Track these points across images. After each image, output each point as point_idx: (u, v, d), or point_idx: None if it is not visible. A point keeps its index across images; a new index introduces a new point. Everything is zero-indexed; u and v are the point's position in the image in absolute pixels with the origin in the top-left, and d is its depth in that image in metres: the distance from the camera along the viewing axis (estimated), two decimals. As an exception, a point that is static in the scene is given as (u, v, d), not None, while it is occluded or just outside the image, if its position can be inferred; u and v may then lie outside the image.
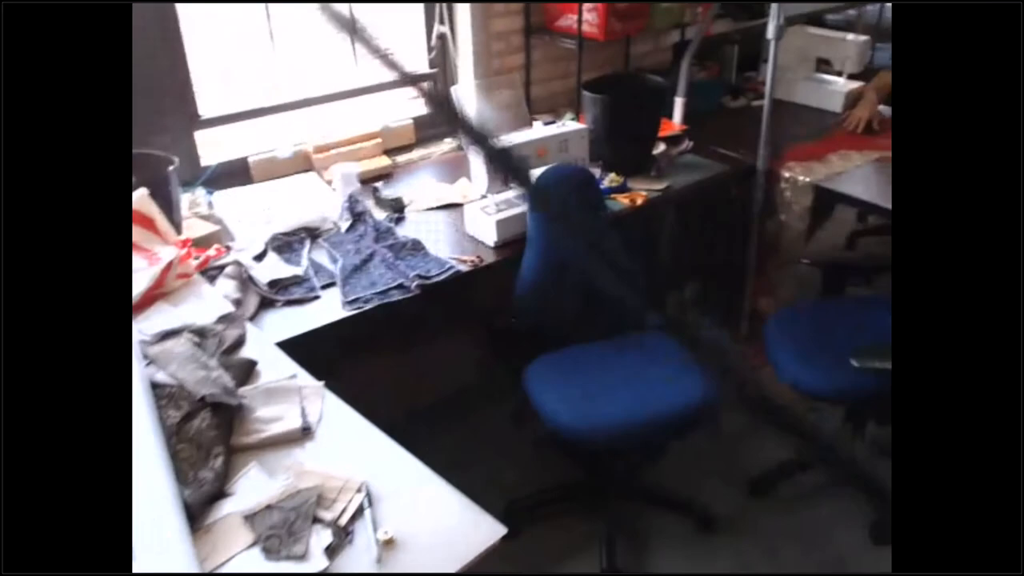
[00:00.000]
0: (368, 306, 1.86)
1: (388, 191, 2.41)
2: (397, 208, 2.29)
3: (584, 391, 1.94)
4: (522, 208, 2.14)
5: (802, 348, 2.07)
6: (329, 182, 2.40)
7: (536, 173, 2.11)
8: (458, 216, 2.25)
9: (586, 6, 2.62)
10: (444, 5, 2.68)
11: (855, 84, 3.04)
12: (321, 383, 1.48)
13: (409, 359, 2.38)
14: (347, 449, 1.33)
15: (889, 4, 3.92)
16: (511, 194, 2.20)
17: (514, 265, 2.09)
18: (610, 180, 2.46)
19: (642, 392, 1.93)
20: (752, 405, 2.57)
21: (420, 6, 2.70)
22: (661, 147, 2.65)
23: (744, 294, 2.84)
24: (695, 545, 2.16)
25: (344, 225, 2.17)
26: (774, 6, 2.40)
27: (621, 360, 2.06)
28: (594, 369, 2.03)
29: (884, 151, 2.67)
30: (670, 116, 2.82)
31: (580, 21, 2.63)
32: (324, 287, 1.92)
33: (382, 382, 2.09)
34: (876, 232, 3.32)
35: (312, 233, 2.13)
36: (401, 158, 2.67)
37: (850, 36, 3.00)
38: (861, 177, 2.54)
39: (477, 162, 2.35)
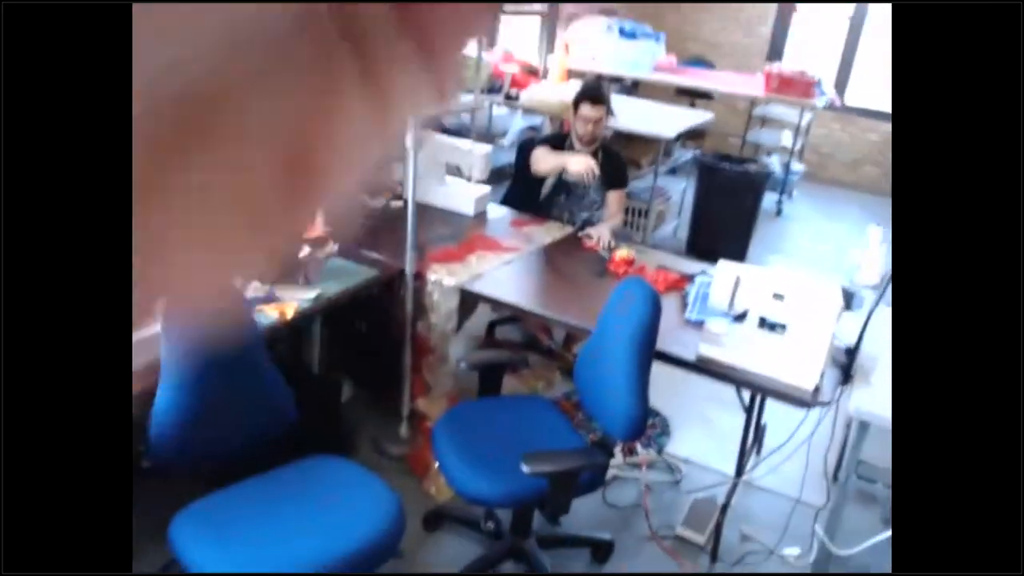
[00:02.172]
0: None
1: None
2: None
3: (245, 546, 1.66)
4: (152, 333, 1.81)
5: (470, 456, 2.06)
6: None
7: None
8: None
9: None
10: None
11: (482, 189, 3.27)
12: None
13: None
14: None
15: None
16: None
17: (146, 402, 1.75)
18: (253, 289, 2.24)
19: (320, 531, 1.72)
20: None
21: None
22: (305, 250, 2.51)
23: (402, 397, 2.80)
24: None
25: None
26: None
27: (289, 496, 1.83)
28: (256, 514, 1.76)
29: (512, 252, 2.89)
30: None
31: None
32: None
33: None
34: (510, 320, 3.58)
35: None
36: None
37: (475, 146, 3.23)
38: (498, 277, 2.69)
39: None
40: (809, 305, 2.17)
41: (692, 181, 5.23)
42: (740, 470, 2.61)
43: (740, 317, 2.30)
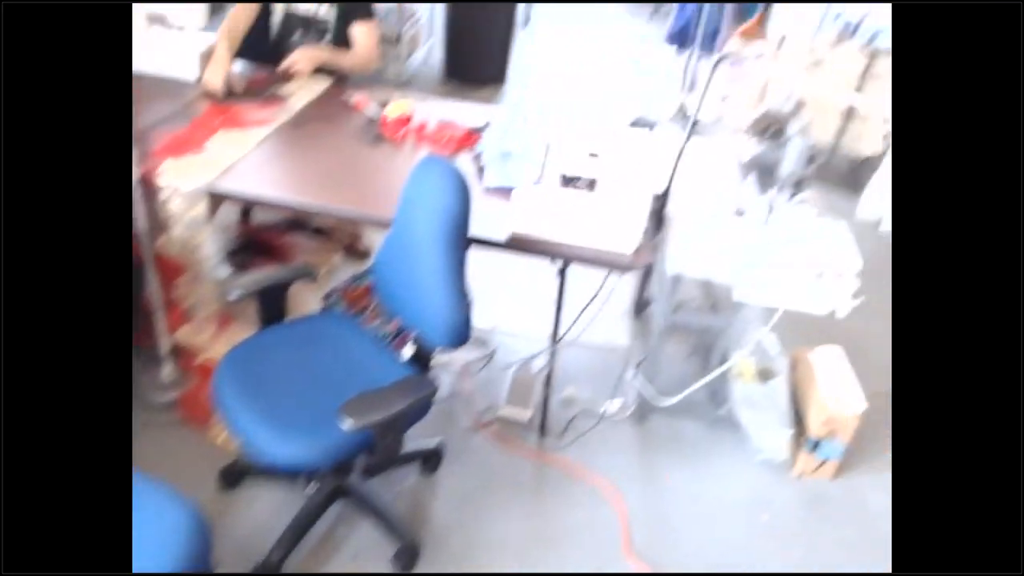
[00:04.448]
0: None
1: None
2: None
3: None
4: None
5: (270, 415, 1.65)
6: None
7: None
8: None
9: None
10: None
11: (206, 39, 2.53)
12: None
13: None
14: None
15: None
16: None
17: None
18: None
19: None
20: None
21: None
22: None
23: (156, 333, 2.23)
24: None
25: None
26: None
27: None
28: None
29: (263, 124, 2.31)
30: None
31: None
32: None
33: None
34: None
35: None
36: None
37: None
38: (252, 166, 2.13)
39: None
40: (626, 160, 1.95)
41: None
42: (556, 335, 2.46)
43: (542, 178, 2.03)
